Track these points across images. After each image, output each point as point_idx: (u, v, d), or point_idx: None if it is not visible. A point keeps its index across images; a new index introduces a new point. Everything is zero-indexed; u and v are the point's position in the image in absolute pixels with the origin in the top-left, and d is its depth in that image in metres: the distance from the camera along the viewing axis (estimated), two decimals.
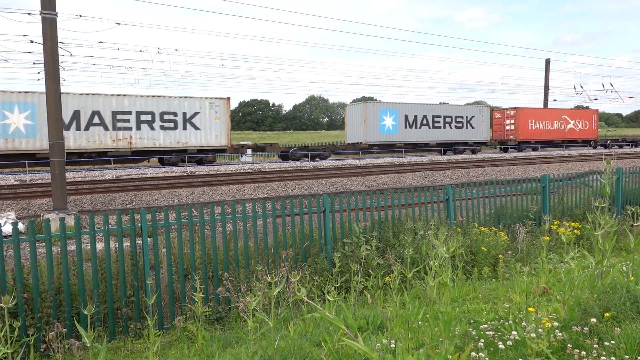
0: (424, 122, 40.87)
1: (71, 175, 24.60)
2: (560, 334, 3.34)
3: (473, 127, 43.11)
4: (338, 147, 40.95)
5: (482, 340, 3.45)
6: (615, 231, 4.23)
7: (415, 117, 40.45)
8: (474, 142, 43.42)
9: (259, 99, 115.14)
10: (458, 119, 42.47)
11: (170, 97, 30.17)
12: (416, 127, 40.42)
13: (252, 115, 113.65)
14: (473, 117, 43.01)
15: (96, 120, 27.72)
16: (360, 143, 38.51)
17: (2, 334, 2.86)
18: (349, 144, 40.14)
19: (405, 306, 3.27)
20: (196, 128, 30.59)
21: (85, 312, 3.21)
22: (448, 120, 42.17)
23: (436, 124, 41.66)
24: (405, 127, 39.89)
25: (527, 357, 2.96)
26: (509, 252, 7.38)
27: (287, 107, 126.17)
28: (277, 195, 18.02)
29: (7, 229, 9.49)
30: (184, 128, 30.26)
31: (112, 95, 28.14)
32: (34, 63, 26.38)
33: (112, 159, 28.52)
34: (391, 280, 4.12)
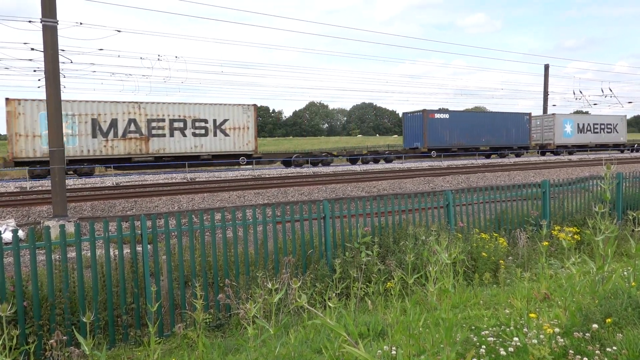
0: None
1: (71, 182, 24.60)
2: (562, 340, 3.32)
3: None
4: None
5: (484, 346, 3.43)
6: (616, 236, 4.22)
7: None
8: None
9: (259, 105, 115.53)
10: None
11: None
12: None
13: None
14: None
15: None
16: None
17: (1, 342, 2.85)
18: None
19: (406, 312, 3.26)
20: None
21: (85, 320, 3.19)
22: None
23: None
24: None
25: None
26: (510, 257, 7.36)
27: (287, 113, 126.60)
28: (278, 201, 18.01)
29: (7, 236, 9.48)
30: None
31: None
32: (35, 70, 26.55)
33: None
34: (392, 286, 4.11)
